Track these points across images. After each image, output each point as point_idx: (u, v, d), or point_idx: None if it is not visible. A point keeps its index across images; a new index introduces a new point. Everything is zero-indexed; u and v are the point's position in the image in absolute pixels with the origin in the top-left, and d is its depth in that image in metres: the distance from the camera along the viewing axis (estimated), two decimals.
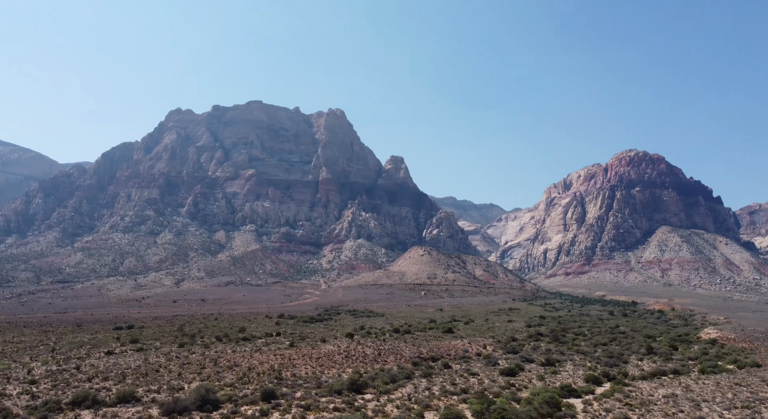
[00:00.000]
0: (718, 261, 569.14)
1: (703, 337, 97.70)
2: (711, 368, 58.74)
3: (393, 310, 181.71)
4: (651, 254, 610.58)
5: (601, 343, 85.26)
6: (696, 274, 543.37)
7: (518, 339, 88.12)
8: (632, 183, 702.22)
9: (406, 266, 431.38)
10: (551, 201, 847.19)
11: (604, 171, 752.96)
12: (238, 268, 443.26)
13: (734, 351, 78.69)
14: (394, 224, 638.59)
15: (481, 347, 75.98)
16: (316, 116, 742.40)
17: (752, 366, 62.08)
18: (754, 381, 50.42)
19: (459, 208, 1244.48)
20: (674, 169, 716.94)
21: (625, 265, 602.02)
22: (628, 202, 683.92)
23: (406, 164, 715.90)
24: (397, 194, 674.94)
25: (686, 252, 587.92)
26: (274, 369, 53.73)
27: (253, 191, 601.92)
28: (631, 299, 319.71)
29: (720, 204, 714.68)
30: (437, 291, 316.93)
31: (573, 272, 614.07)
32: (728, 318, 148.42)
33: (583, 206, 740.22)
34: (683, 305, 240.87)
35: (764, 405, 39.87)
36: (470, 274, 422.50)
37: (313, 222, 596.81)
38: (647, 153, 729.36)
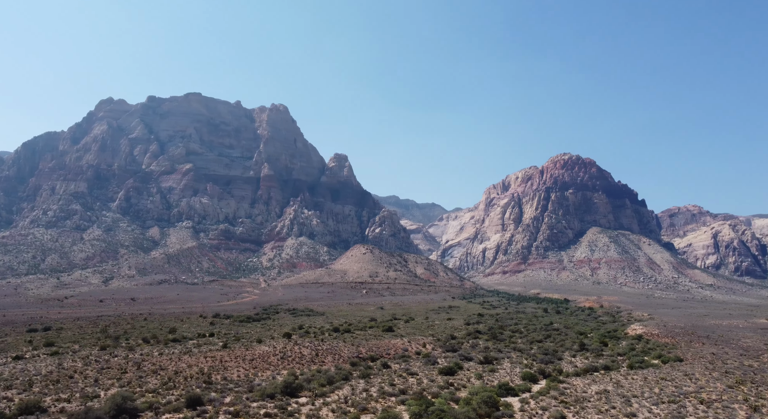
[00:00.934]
0: (642, 261, 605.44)
1: (630, 333, 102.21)
2: (638, 363, 60.98)
3: (334, 309, 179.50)
4: (582, 254, 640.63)
5: (537, 340, 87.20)
6: (622, 273, 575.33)
7: (457, 337, 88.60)
8: (566, 185, 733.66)
9: (348, 264, 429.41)
10: (490, 201, 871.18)
11: (541, 173, 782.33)
12: (173, 266, 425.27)
13: (658, 346, 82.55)
14: (336, 222, 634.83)
15: (421, 346, 75.57)
16: (259, 111, 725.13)
17: (675, 360, 65.05)
18: (678, 376, 52.54)
19: (402, 207, 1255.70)
20: (604, 173, 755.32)
21: (558, 264, 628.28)
22: (562, 203, 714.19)
23: (350, 162, 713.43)
24: (340, 192, 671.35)
25: (614, 252, 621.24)
26: (204, 373, 50.58)
27: (190, 186, 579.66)
28: (564, 297, 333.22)
29: (644, 207, 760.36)
30: (379, 290, 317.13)
31: (510, 271, 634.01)
32: (651, 315, 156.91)
33: (520, 207, 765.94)
34: (611, 302, 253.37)
35: (688, 399, 41.28)
36: (411, 273, 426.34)
37: (253, 219, 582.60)
38: (580, 157, 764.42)
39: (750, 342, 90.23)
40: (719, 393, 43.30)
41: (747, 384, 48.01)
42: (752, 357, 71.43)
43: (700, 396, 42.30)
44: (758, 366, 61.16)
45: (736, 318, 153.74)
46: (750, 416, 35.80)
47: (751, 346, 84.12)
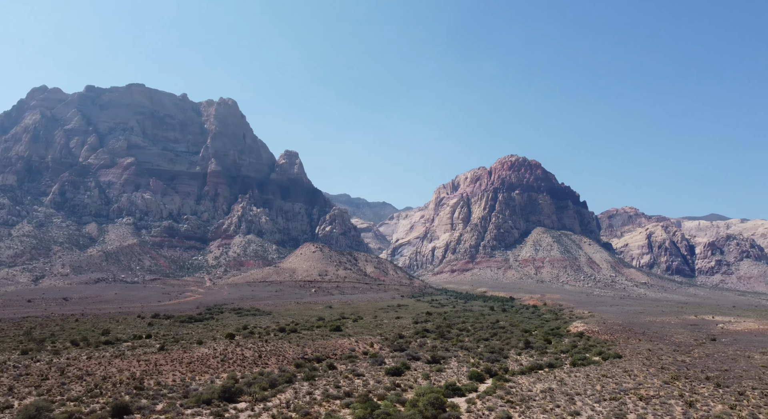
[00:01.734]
0: (583, 260, 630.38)
1: (572, 330, 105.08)
2: (581, 360, 62.23)
3: (281, 308, 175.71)
4: (527, 253, 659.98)
5: (483, 338, 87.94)
6: (564, 272, 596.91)
7: (405, 336, 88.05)
8: (513, 186, 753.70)
9: (297, 263, 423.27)
10: (440, 201, 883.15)
11: (489, 174, 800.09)
12: (112, 264, 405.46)
13: (599, 343, 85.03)
14: (286, 220, 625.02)
15: (368, 345, 74.40)
16: (206, 105, 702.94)
17: (614, 357, 66.91)
18: (618, 373, 53.82)
19: (353, 206, 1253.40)
20: (549, 175, 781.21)
21: (504, 263, 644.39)
22: (509, 204, 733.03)
23: (300, 159, 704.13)
24: (290, 189, 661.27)
25: (557, 252, 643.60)
26: (135, 378, 47.28)
27: (132, 181, 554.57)
28: (510, 295, 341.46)
29: (585, 208, 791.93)
30: (328, 289, 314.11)
31: (458, 269, 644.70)
32: (592, 312, 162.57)
33: (469, 207, 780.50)
34: (554, 300, 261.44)
35: (628, 396, 42.06)
36: (361, 271, 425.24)
37: (199, 216, 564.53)
38: (526, 159, 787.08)
39: (681, 337, 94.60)
40: (657, 389, 44.43)
41: (681, 379, 49.65)
42: (684, 352, 74.62)
43: (639, 392, 43.22)
44: (690, 362, 63.77)
45: (668, 315, 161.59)
46: (686, 412, 36.68)
47: (682, 342, 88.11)
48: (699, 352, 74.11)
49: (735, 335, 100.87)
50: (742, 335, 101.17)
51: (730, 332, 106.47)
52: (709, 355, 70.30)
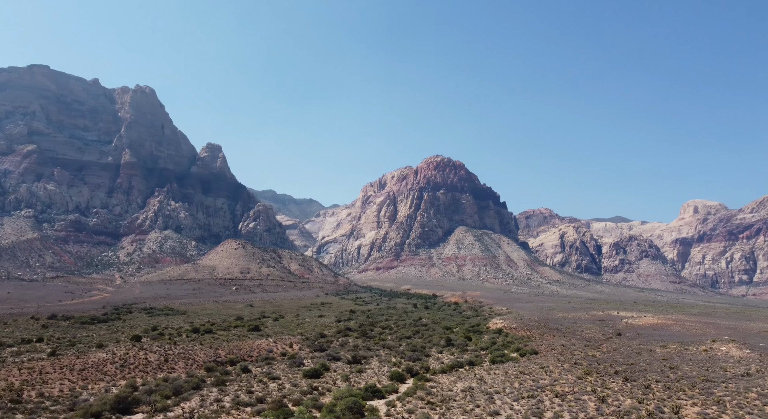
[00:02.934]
0: (502, 259, 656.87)
1: (491, 327, 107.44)
2: (499, 357, 62.97)
3: (198, 307, 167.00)
4: (450, 251, 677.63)
5: (406, 337, 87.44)
6: (484, 270, 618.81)
7: (327, 335, 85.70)
8: (438, 186, 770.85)
9: (217, 260, 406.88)
10: (367, 199, 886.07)
11: (415, 173, 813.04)
12: (6, 260, 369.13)
13: (516, 339, 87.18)
14: (207, 215, 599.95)
15: (288, 346, 71.33)
16: (121, 92, 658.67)
17: (531, 353, 68.50)
18: (535, 369, 54.71)
19: (278, 202, 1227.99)
20: (472, 175, 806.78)
21: (428, 261, 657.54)
22: (434, 203, 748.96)
23: (224, 153, 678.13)
24: (212, 184, 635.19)
25: (478, 250, 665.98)
26: (13, 389, 41.52)
27: (32, 170, 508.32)
28: (432, 292, 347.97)
29: (505, 208, 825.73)
30: (250, 286, 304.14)
31: (383, 267, 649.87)
32: (510, 309, 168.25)
33: (395, 205, 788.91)
34: (474, 297, 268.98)
35: (545, 392, 42.43)
36: (285, 269, 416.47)
37: (111, 210, 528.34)
38: (451, 159, 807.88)
39: (591, 332, 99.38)
40: (571, 385, 45.28)
41: (593, 374, 51.18)
42: (594, 347, 78.01)
43: (555, 388, 43.78)
44: (600, 356, 66.49)
45: (578, 311, 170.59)
46: (599, 407, 37.31)
47: (592, 337, 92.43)
48: (607, 347, 77.74)
49: (637, 329, 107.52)
50: (644, 329, 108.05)
51: (633, 327, 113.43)
52: (616, 349, 73.84)
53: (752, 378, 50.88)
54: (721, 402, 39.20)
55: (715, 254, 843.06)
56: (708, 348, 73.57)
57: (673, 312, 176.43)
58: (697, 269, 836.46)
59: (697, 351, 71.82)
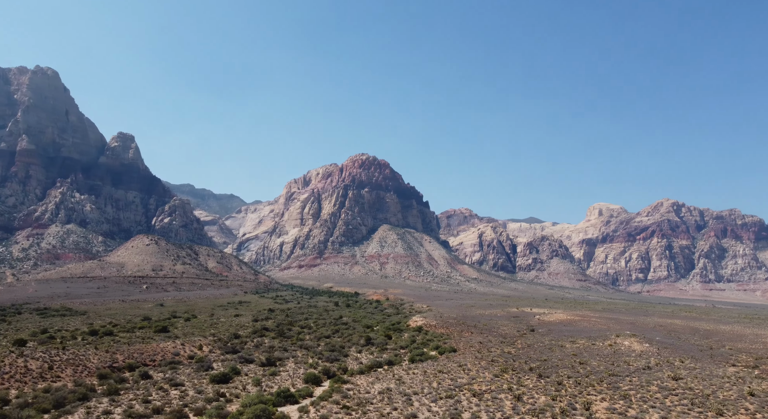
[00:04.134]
0: (423, 257, 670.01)
1: (412, 325, 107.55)
2: (419, 356, 62.36)
3: (101, 307, 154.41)
4: (373, 249, 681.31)
5: (325, 336, 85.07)
6: (406, 267, 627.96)
7: (241, 336, 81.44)
8: (362, 184, 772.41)
9: (127, 256, 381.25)
10: (291, 195, 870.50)
11: (340, 171, 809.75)
12: None
13: (436, 337, 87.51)
14: (117, 209, 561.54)
15: (197, 348, 66.61)
16: (17, 72, 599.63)
17: (450, 351, 68.63)
18: (453, 368, 54.46)
19: (197, 197, 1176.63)
20: (396, 175, 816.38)
21: (351, 259, 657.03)
22: (358, 201, 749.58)
23: (137, 144, 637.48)
24: (123, 176, 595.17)
25: (400, 249, 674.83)
26: None
27: None
28: (355, 290, 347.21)
29: (428, 208, 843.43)
30: (162, 285, 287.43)
31: (306, 265, 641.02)
32: (430, 306, 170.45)
33: (319, 202, 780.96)
34: (396, 295, 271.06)
35: (462, 392, 41.90)
36: (202, 266, 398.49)
37: (3, 201, 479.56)
38: (376, 158, 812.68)
39: (507, 329, 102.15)
40: (488, 383, 45.18)
41: (509, 371, 51.64)
42: (509, 343, 79.81)
43: (472, 387, 43.41)
44: (515, 353, 67.84)
45: (495, 308, 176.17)
46: (515, 406, 37.16)
47: (508, 334, 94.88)
48: (522, 343, 79.80)
49: (549, 325, 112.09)
50: (555, 325, 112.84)
51: (545, 323, 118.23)
52: (530, 346, 75.89)
53: (652, 371, 53.64)
54: (627, 396, 40.50)
55: (615, 254, 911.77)
56: (612, 342, 77.50)
57: (581, 308, 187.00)
58: (601, 268, 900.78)
59: (603, 345, 75.39)
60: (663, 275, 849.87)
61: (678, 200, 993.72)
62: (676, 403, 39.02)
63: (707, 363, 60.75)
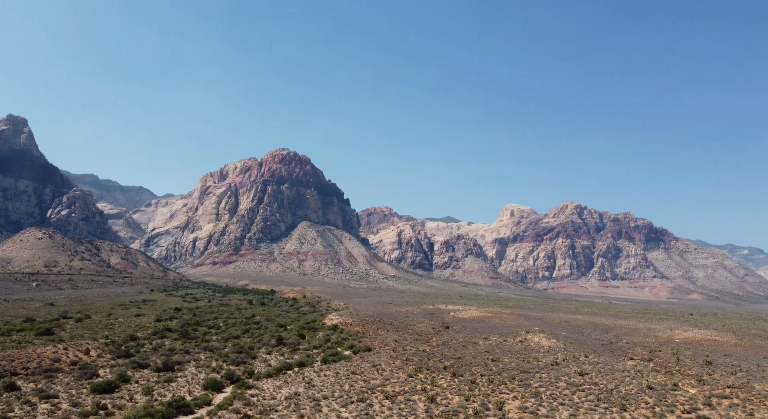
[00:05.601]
0: (343, 254, 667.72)
1: (327, 323, 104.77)
2: (332, 356, 59.80)
3: None
4: (292, 246, 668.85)
5: (234, 336, 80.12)
6: (325, 265, 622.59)
7: (139, 338, 74.54)
8: (282, 179, 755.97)
9: (14, 251, 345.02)
10: (206, 189, 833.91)
11: (259, 165, 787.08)
12: None
13: (351, 335, 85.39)
14: (5, 199, 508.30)
15: (83, 352, 59.57)
16: None
17: (365, 350, 66.70)
18: (367, 368, 52.47)
19: (101, 188, 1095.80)
20: (317, 171, 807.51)
21: (269, 256, 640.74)
22: (278, 197, 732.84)
23: (30, 128, 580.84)
24: (13, 163, 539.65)
25: (320, 246, 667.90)
26: None
27: None
28: (271, 288, 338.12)
29: (348, 205, 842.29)
30: (56, 282, 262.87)
31: (221, 261, 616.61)
32: (347, 304, 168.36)
33: (236, 197, 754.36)
34: (313, 293, 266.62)
35: (375, 394, 39.93)
36: (104, 262, 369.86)
37: None
38: (297, 153, 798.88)
39: (422, 326, 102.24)
40: (402, 384, 43.58)
41: (423, 371, 50.49)
42: (425, 341, 79.42)
43: (386, 389, 41.58)
44: (430, 351, 67.24)
45: (411, 305, 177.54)
46: (428, 408, 35.72)
47: (423, 331, 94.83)
48: (437, 340, 79.68)
49: (463, 322, 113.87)
50: (469, 322, 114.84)
51: (459, 320, 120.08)
52: (445, 343, 75.82)
53: (560, 366, 54.83)
54: (538, 394, 40.48)
55: (525, 253, 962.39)
56: (523, 338, 79.42)
57: (493, 305, 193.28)
58: (511, 266, 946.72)
59: (514, 342, 76.96)
60: (566, 273, 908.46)
61: (581, 203, 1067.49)
62: (583, 399, 39.49)
63: (609, 358, 63.43)
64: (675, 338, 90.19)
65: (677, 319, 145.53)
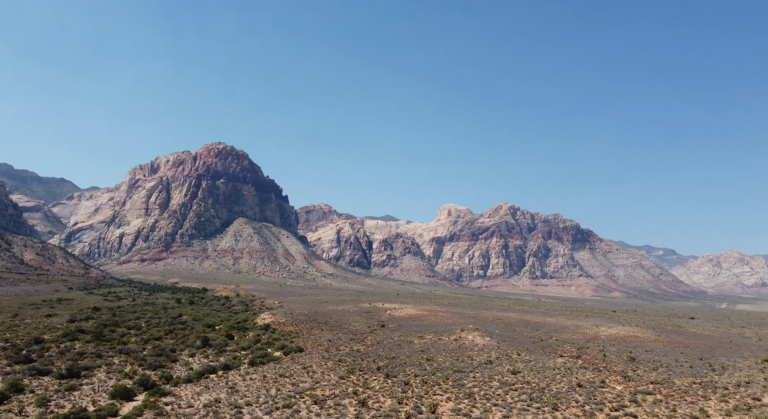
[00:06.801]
0: (280, 252, 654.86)
1: (259, 323, 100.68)
2: (260, 358, 56.62)
3: None
4: (227, 243, 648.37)
5: (155, 338, 74.77)
6: (262, 263, 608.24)
7: (46, 341, 67.83)
8: (218, 174, 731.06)
9: None
10: (135, 183, 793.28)
11: (194, 159, 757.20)
12: None
13: (283, 335, 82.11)
14: None
15: None
16: None
17: (296, 351, 63.93)
18: (297, 370, 49.90)
19: (16, 179, 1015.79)
20: (255, 167, 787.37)
21: (202, 253, 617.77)
22: (213, 192, 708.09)
23: None
24: None
25: (256, 243, 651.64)
26: None
27: None
28: (203, 286, 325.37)
29: (287, 202, 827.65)
30: None
31: (150, 258, 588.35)
32: (281, 303, 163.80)
33: (168, 192, 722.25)
34: (247, 291, 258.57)
35: (303, 399, 37.59)
36: (16, 258, 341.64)
37: None
38: (234, 148, 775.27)
39: (358, 325, 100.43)
40: (333, 387, 41.44)
41: (356, 372, 48.60)
42: (359, 340, 77.62)
43: (315, 393, 39.29)
44: (364, 351, 65.47)
45: (348, 303, 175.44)
46: (359, 413, 33.83)
47: (358, 330, 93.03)
48: (371, 340, 78.09)
49: (399, 321, 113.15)
50: (405, 320, 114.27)
51: (395, 318, 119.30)
52: (379, 343, 74.33)
53: (493, 365, 54.64)
54: (472, 394, 39.61)
55: (461, 252, 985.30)
56: (457, 337, 79.36)
57: (429, 303, 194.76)
58: (448, 264, 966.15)
59: (448, 340, 76.68)
60: (500, 272, 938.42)
61: (515, 204, 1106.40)
62: (516, 399, 38.99)
63: (540, 355, 64.23)
64: (601, 335, 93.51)
65: (602, 316, 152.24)
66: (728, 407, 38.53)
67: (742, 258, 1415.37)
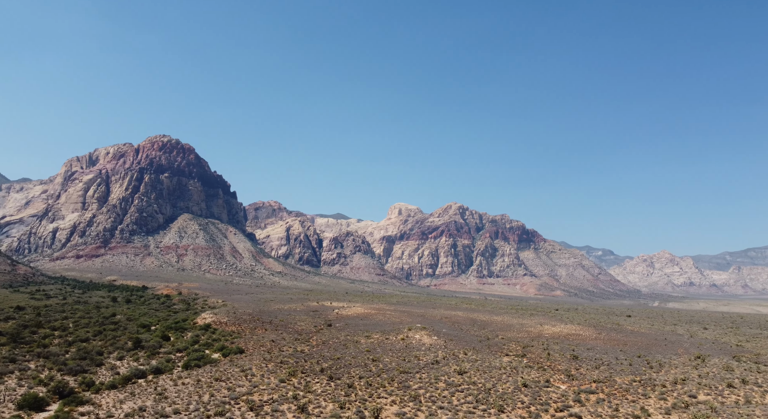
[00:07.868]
0: (227, 249, 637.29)
1: (199, 322, 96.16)
2: (196, 361, 53.22)
3: None
4: (170, 240, 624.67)
5: (82, 339, 69.50)
6: (207, 260, 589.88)
7: None
8: (162, 168, 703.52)
9: None
10: (71, 175, 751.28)
11: (136, 152, 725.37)
12: None
13: (224, 335, 78.44)
14: None
15: None
16: None
17: (236, 352, 60.81)
18: (234, 373, 47.05)
19: None
20: (202, 161, 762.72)
21: (143, 249, 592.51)
22: (156, 186, 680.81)
23: None
24: None
25: (202, 240, 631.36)
26: None
27: None
28: (143, 284, 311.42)
29: (235, 198, 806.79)
30: None
31: (86, 255, 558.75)
32: (225, 301, 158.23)
33: (108, 185, 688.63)
34: (191, 289, 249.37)
35: (238, 405, 35.03)
36: None
37: None
38: (180, 141, 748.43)
39: (303, 325, 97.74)
40: (272, 391, 39.02)
41: (298, 374, 46.33)
42: (304, 341, 75.17)
43: (252, 398, 36.79)
44: (308, 351, 63.14)
45: (295, 302, 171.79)
46: None
47: (304, 329, 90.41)
48: (317, 339, 75.80)
49: (347, 320, 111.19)
50: (352, 319, 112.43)
51: (343, 317, 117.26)
52: (325, 342, 72.15)
53: (440, 365, 53.67)
54: (417, 397, 38.26)
55: (410, 251, 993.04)
56: (405, 336, 78.26)
57: (377, 301, 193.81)
58: (397, 263, 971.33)
59: (396, 339, 75.43)
60: (448, 270, 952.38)
61: (464, 204, 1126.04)
62: (462, 401, 37.95)
63: (486, 354, 63.96)
64: (545, 333, 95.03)
65: (545, 315, 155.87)
66: (667, 405, 39.00)
67: (672, 258, 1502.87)
